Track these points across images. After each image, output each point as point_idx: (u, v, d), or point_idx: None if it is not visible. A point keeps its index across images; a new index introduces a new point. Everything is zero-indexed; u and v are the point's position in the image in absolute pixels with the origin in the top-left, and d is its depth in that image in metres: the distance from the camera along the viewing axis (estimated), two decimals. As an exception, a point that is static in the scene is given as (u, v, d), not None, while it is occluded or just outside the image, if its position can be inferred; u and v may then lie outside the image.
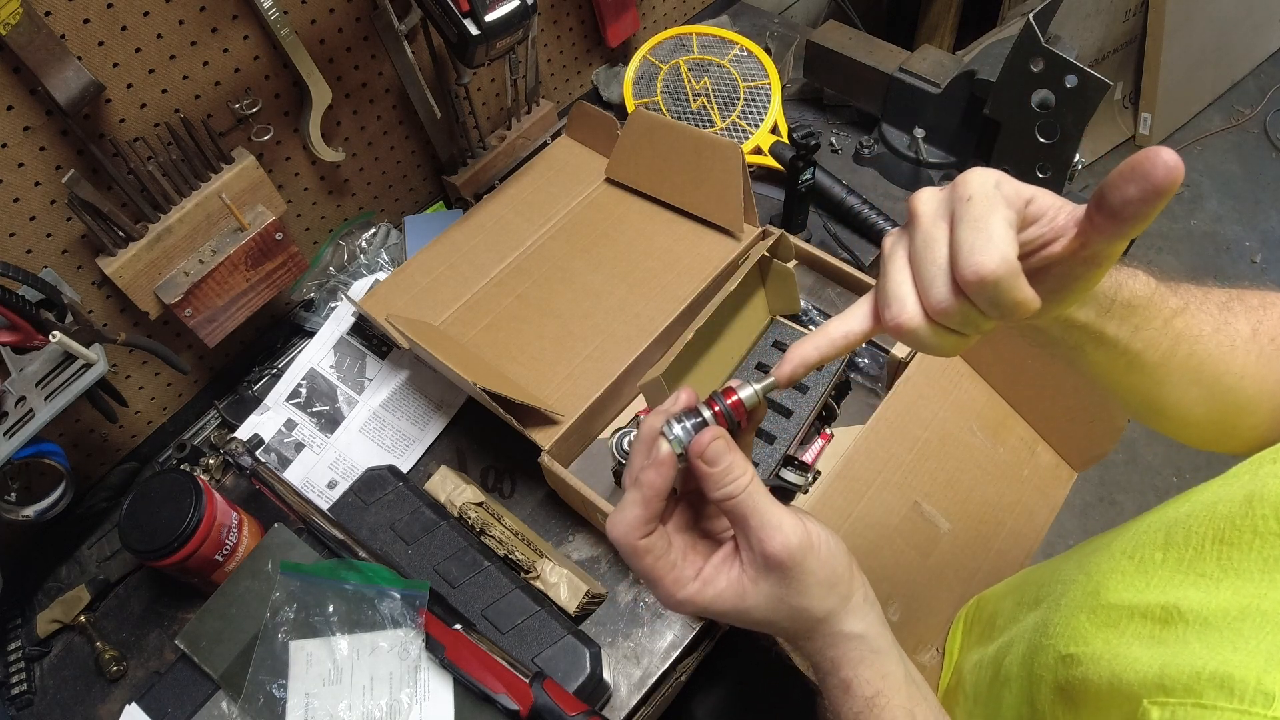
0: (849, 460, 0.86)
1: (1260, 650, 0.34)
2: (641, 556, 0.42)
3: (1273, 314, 0.52)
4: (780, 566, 0.41)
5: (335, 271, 1.08)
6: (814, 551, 0.42)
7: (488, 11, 0.81)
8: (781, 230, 0.97)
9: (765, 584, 0.42)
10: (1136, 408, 0.54)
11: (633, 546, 0.42)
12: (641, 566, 0.43)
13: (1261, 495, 0.41)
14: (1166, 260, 2.33)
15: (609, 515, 0.43)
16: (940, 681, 0.77)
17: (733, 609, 0.43)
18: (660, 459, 0.41)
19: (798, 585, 0.42)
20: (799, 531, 0.41)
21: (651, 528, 0.43)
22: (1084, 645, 0.45)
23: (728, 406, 0.43)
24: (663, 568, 0.43)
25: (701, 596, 0.43)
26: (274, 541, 0.78)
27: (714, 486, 0.41)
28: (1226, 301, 0.51)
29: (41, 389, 0.77)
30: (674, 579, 0.43)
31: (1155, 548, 0.45)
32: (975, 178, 0.37)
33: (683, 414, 0.42)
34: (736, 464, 0.41)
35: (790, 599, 0.42)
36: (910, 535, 0.85)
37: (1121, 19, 2.28)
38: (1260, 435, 0.52)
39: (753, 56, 1.23)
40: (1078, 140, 0.91)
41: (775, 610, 0.43)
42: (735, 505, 0.41)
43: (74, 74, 0.72)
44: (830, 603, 0.43)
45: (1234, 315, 0.50)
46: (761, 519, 0.41)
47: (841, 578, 0.43)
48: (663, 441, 0.42)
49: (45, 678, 0.87)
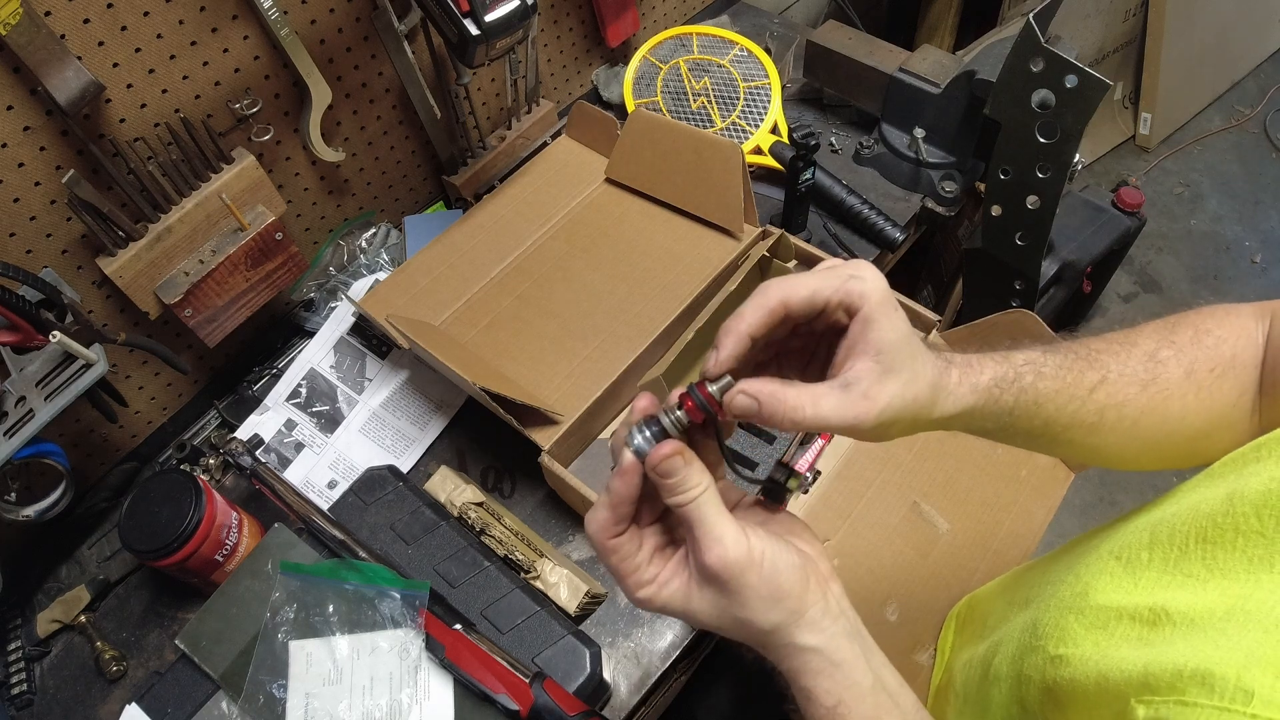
0: (849, 460, 0.86)
1: (1241, 647, 0.35)
2: (609, 555, 0.45)
3: (1206, 344, 0.52)
4: (716, 579, 0.42)
5: (335, 271, 1.08)
6: (754, 567, 0.42)
7: (488, 11, 0.81)
8: (781, 230, 0.97)
9: (707, 592, 0.43)
10: (1082, 463, 0.55)
11: (601, 545, 0.44)
12: (608, 564, 0.45)
13: (1242, 494, 0.41)
14: (1166, 260, 2.33)
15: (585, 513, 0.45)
16: (932, 680, 0.77)
17: (681, 611, 0.45)
18: (625, 467, 0.43)
19: (737, 598, 0.43)
20: (740, 547, 0.42)
21: (620, 529, 0.44)
22: (1073, 646, 0.45)
23: (702, 399, 0.43)
24: (626, 568, 0.44)
25: (657, 598, 0.45)
26: (274, 541, 0.79)
27: (667, 494, 0.43)
28: (1154, 351, 0.51)
29: (41, 389, 0.77)
30: (635, 580, 0.44)
31: (1141, 548, 0.45)
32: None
33: (643, 423, 0.43)
34: (690, 475, 0.42)
35: (731, 610, 0.43)
36: (909, 535, 0.86)
37: (1121, 19, 2.28)
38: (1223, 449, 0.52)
39: (753, 56, 1.23)
40: (1078, 140, 0.91)
41: (719, 618, 0.44)
42: (684, 513, 0.42)
43: (74, 74, 0.72)
44: (775, 617, 0.43)
45: (1163, 365, 0.51)
46: (705, 530, 0.42)
47: (789, 593, 0.43)
48: (626, 451, 0.43)
49: (45, 678, 0.87)
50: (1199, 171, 2.50)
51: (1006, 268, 1.10)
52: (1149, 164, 2.51)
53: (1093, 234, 1.73)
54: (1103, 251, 1.74)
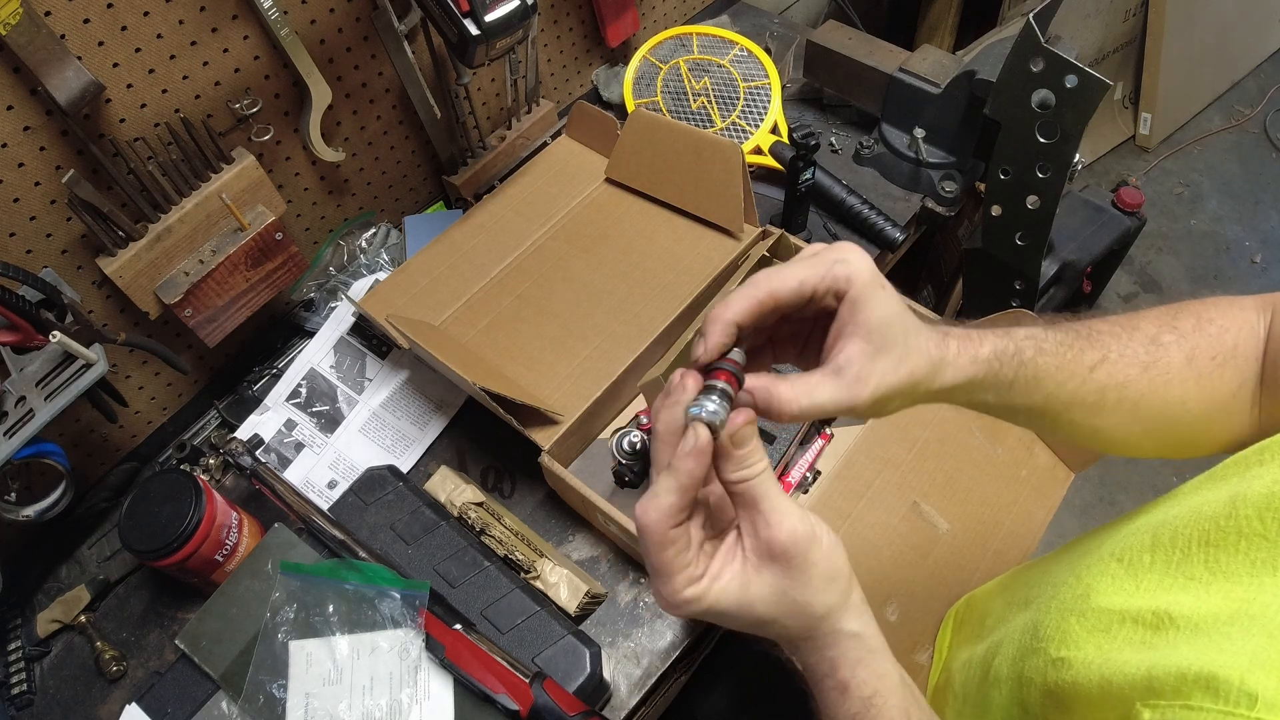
0: (849, 460, 0.86)
1: (1245, 651, 0.35)
2: (664, 549, 0.41)
3: (1208, 332, 0.52)
4: (785, 555, 0.41)
5: (335, 271, 1.08)
6: (818, 543, 0.42)
7: (488, 11, 0.81)
8: (781, 230, 0.97)
9: (769, 574, 0.42)
10: (1084, 445, 0.55)
11: (661, 538, 0.41)
12: (662, 559, 0.41)
13: (1244, 496, 0.41)
14: (1166, 260, 2.33)
15: (639, 501, 0.42)
16: (929, 680, 0.77)
17: (735, 603, 0.42)
18: (700, 445, 0.40)
19: (801, 576, 0.42)
20: (805, 522, 0.41)
21: (684, 518, 0.42)
22: (1075, 649, 0.45)
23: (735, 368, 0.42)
24: (681, 563, 0.42)
25: (708, 594, 0.42)
26: (274, 541, 0.78)
27: (734, 467, 0.41)
28: (1156, 335, 0.51)
29: (41, 389, 0.77)
30: (687, 576, 0.42)
31: (1143, 550, 0.45)
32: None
33: (703, 395, 0.41)
34: (758, 447, 0.41)
35: (793, 591, 0.42)
36: (909, 535, 0.86)
37: (1121, 19, 2.28)
38: (1223, 440, 0.52)
39: (753, 56, 1.23)
40: (1078, 140, 0.91)
41: (778, 603, 0.42)
42: (748, 489, 0.41)
43: (74, 74, 0.72)
44: (831, 598, 0.43)
45: (1164, 349, 0.51)
46: (772, 504, 0.41)
47: (842, 573, 0.43)
48: (699, 426, 0.40)
49: (45, 678, 0.87)
50: (1199, 171, 2.50)
51: (1006, 268, 1.10)
52: (1149, 164, 2.51)
53: (1093, 234, 1.73)
54: (1103, 251, 1.74)
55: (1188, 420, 0.52)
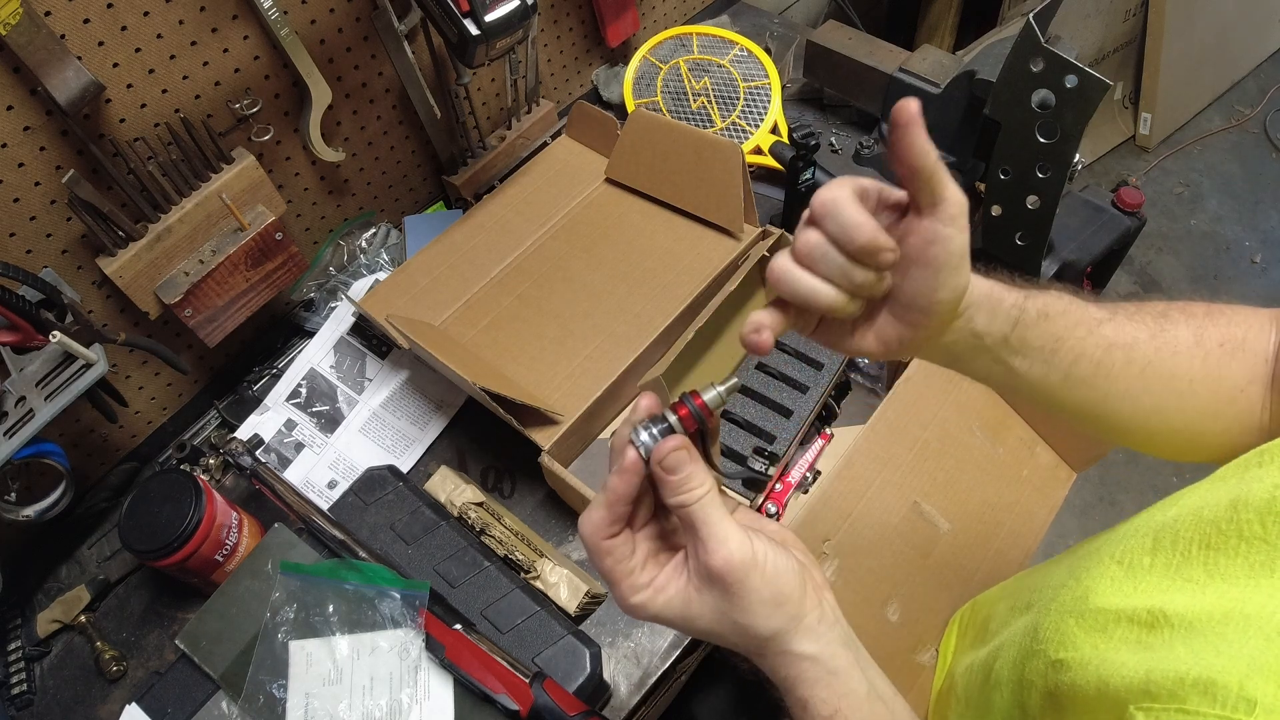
0: (849, 460, 0.86)
1: (1243, 655, 0.34)
2: (603, 557, 0.44)
3: (1219, 321, 0.52)
4: (721, 580, 0.42)
5: (335, 271, 1.08)
6: (757, 569, 0.42)
7: (488, 11, 0.81)
8: (782, 230, 0.97)
9: (709, 596, 0.43)
10: (1094, 425, 0.55)
11: (596, 546, 0.44)
12: (602, 567, 0.44)
13: (1246, 499, 0.41)
14: (1166, 260, 2.33)
15: (581, 513, 0.45)
16: (933, 684, 0.77)
17: (679, 617, 0.44)
18: (625, 465, 0.43)
19: (740, 601, 0.42)
20: (744, 549, 0.42)
21: (615, 530, 0.44)
22: (1073, 650, 0.45)
23: (696, 407, 0.44)
24: (621, 571, 0.44)
25: (653, 603, 0.44)
26: (274, 541, 0.78)
27: (670, 493, 0.42)
28: (1164, 310, 0.52)
29: (41, 389, 0.77)
30: (630, 584, 0.44)
31: (1143, 552, 0.45)
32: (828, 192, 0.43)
33: (649, 421, 0.43)
34: (695, 474, 0.42)
35: (732, 614, 0.43)
36: (910, 535, 0.85)
37: (1121, 19, 2.28)
38: (1231, 441, 0.52)
39: (753, 56, 1.23)
40: (1078, 140, 0.91)
41: (719, 623, 0.44)
42: (688, 514, 0.42)
43: (74, 74, 0.72)
44: (776, 622, 0.43)
45: (1172, 323, 0.52)
46: (709, 530, 0.42)
47: (789, 598, 0.43)
48: (629, 449, 0.43)
49: (45, 678, 0.87)
50: (1199, 171, 2.50)
51: (1006, 268, 1.10)
52: (1149, 164, 2.51)
53: (1093, 234, 1.73)
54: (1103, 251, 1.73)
55: (1197, 406, 0.52)
